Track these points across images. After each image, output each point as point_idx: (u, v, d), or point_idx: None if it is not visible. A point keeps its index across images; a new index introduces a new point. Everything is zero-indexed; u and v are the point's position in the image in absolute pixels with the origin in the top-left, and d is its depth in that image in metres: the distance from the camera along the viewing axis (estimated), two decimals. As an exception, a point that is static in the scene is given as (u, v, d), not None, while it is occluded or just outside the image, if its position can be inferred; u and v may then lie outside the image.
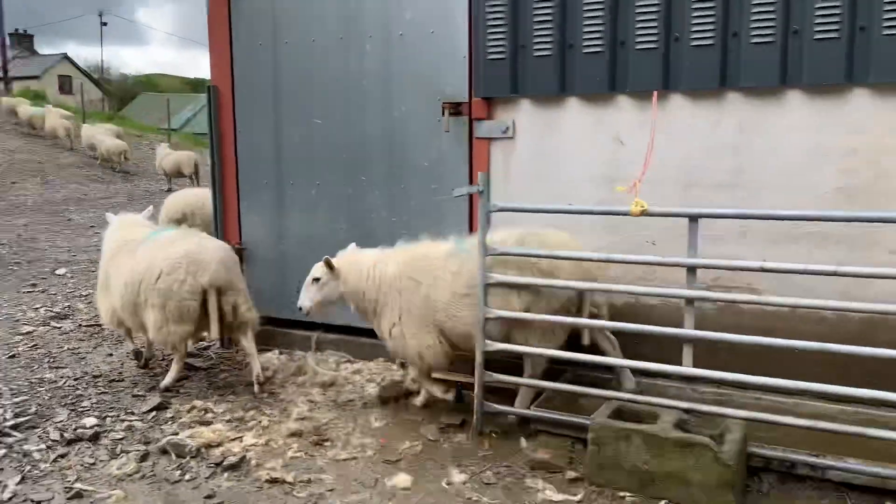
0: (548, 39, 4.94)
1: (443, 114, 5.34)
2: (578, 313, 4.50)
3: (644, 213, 4.01)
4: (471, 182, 5.24)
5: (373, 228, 5.76)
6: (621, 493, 3.73)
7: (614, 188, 4.71)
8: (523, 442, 4.37)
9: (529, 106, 5.17)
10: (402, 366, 5.55)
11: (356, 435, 4.56)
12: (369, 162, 5.79)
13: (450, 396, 4.89)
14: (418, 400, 5.01)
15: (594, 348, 4.66)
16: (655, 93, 4.29)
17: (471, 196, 5.27)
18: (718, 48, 4.49)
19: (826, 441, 3.86)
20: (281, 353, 6.01)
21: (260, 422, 4.75)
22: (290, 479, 4.01)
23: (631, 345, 4.88)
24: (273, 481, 4.00)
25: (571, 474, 3.94)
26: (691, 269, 4.00)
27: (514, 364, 4.66)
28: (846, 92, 4.30)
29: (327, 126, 5.92)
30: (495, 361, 4.52)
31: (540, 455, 4.09)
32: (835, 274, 3.63)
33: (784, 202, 4.48)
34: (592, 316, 4.58)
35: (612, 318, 4.71)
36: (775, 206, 4.46)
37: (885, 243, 4.29)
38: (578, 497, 3.72)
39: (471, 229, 5.29)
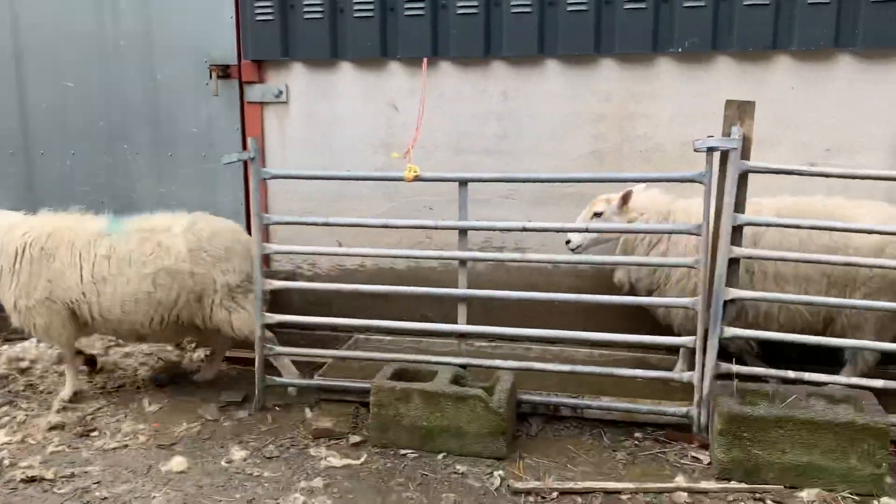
0: (318, 1, 4.83)
1: (210, 77, 5.06)
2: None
3: (417, 179, 4.08)
4: (244, 149, 5.03)
5: (138, 200, 5.35)
6: (403, 451, 3.83)
7: (391, 154, 4.75)
8: (307, 412, 4.33)
9: (303, 70, 5.05)
10: (179, 346, 5.27)
11: (128, 422, 4.26)
12: (132, 129, 5.36)
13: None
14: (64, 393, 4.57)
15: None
16: (425, 59, 4.35)
17: (246, 163, 5.07)
18: (482, 17, 4.64)
19: (586, 383, 4.23)
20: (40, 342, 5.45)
21: (15, 417, 4.29)
22: (49, 475, 3.66)
23: (415, 307, 5.02)
24: (30, 480, 3.63)
25: (355, 439, 3.98)
26: (462, 232, 4.15)
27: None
28: (595, 62, 4.65)
29: (81, 90, 5.38)
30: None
31: (323, 423, 4.08)
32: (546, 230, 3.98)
33: (545, 165, 4.77)
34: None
35: (395, 282, 4.81)
36: (538, 170, 4.75)
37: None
38: (361, 460, 3.76)
39: (247, 197, 5.10)
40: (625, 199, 4.17)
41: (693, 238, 3.94)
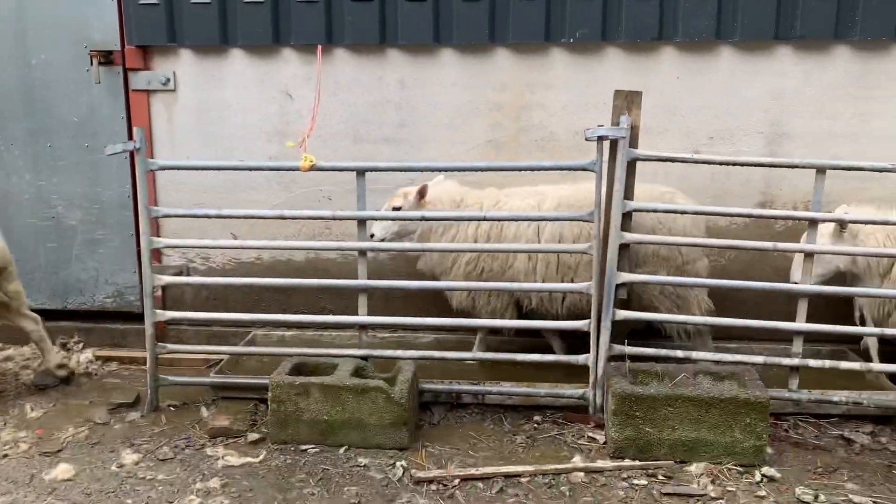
0: (205, -15, 4.66)
1: (91, 63, 4.79)
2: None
3: (314, 169, 4.00)
4: (130, 139, 4.79)
5: (14, 193, 5.04)
6: (304, 447, 3.76)
7: (286, 143, 4.65)
8: (204, 411, 4.19)
9: (191, 56, 4.85)
10: (64, 346, 5.00)
11: (7, 430, 4.01)
12: (4, 118, 5.02)
13: None
14: None
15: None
16: (319, 47, 4.26)
17: (132, 154, 4.84)
18: (377, 4, 4.59)
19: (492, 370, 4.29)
20: None
21: None
22: (-83, 493, 3.40)
23: (315, 300, 4.94)
24: None
25: (254, 436, 3.88)
26: (361, 222, 4.11)
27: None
28: (491, 51, 4.68)
29: (-55, 75, 5.00)
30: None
31: (220, 422, 3.96)
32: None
33: (444, 154, 4.79)
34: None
35: (294, 275, 4.72)
36: (437, 158, 4.76)
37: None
38: (260, 458, 3.68)
39: (134, 189, 4.88)
40: (421, 192, 4.28)
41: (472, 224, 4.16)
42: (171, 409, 4.26)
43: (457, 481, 3.41)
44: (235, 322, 4.53)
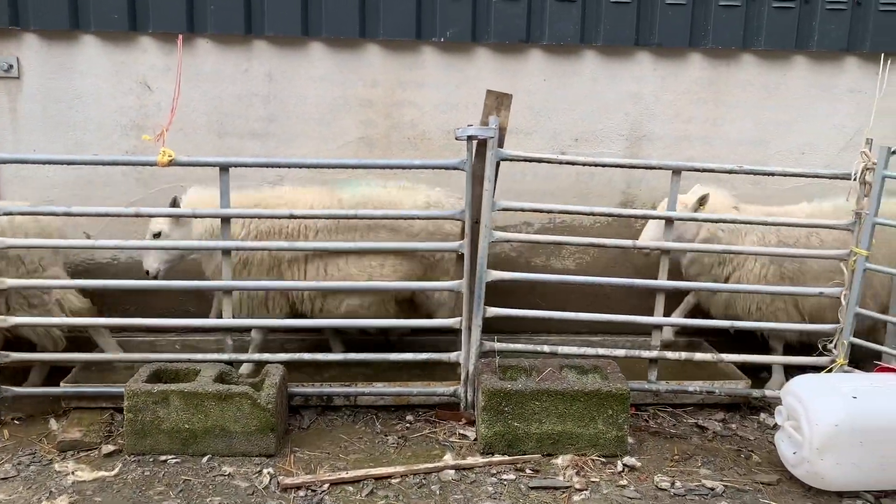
0: (52, -35, 4.32)
1: (-82, 45, 4.35)
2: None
3: (172, 163, 3.78)
4: (-35, 129, 4.39)
5: None
6: (163, 458, 3.56)
7: (143, 137, 4.38)
8: (53, 424, 3.90)
9: (38, 42, 4.49)
10: None
11: None
12: None
13: None
14: None
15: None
16: (180, 36, 4.05)
17: (-31, 146, 4.44)
18: (242, -7, 4.43)
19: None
20: None
21: None
22: None
23: (179, 302, 4.71)
24: None
25: (109, 448, 3.64)
26: (225, 220, 3.93)
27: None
28: (361, 46, 4.61)
29: None
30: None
31: (71, 434, 3.69)
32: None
33: (315, 150, 4.68)
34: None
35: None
36: (308, 154, 4.65)
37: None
38: (115, 471, 3.45)
39: (-28, 186, 4.47)
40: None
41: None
42: (16, 422, 3.94)
43: (326, 486, 3.34)
44: (84, 327, 4.21)
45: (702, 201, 4.15)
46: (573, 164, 3.99)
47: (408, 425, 3.96)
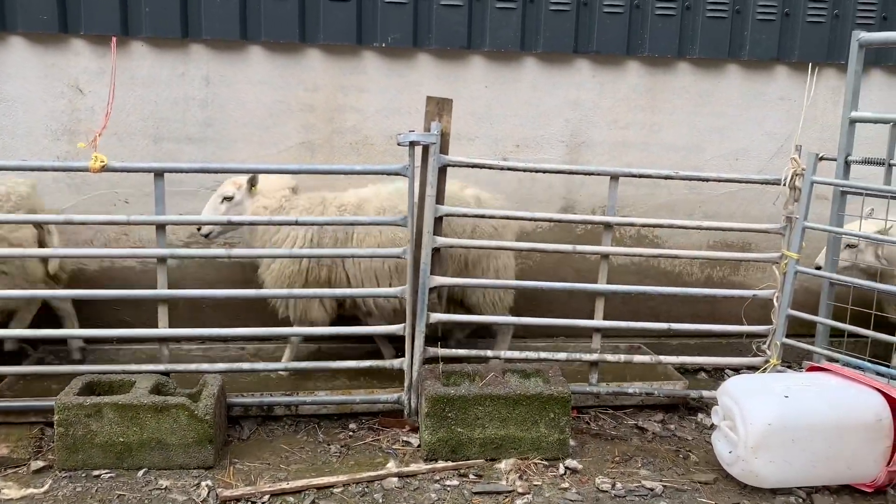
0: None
1: None
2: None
3: (105, 169, 3.68)
4: None
5: None
6: (97, 473, 3.45)
7: (77, 143, 4.26)
8: (-23, 440, 3.74)
9: (-39, 42, 4.32)
10: None
11: None
12: None
13: None
14: None
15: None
16: (114, 38, 3.94)
17: None
18: (180, -5, 4.34)
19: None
20: None
21: None
22: None
23: (110, 311, 4.57)
24: None
25: (38, 464, 3.50)
26: (160, 227, 3.84)
27: None
28: (301, 51, 4.56)
29: None
30: None
31: (-2, 451, 3.55)
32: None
33: (256, 155, 4.61)
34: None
35: (87, 285, 4.32)
36: (248, 160, 4.58)
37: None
38: (45, 488, 3.32)
39: None
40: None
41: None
42: (-64, 440, 3.76)
43: (266, 497, 3.28)
44: (9, 338, 4.06)
45: (252, 182, 4.19)
46: (514, 170, 4.02)
47: (351, 433, 3.92)
